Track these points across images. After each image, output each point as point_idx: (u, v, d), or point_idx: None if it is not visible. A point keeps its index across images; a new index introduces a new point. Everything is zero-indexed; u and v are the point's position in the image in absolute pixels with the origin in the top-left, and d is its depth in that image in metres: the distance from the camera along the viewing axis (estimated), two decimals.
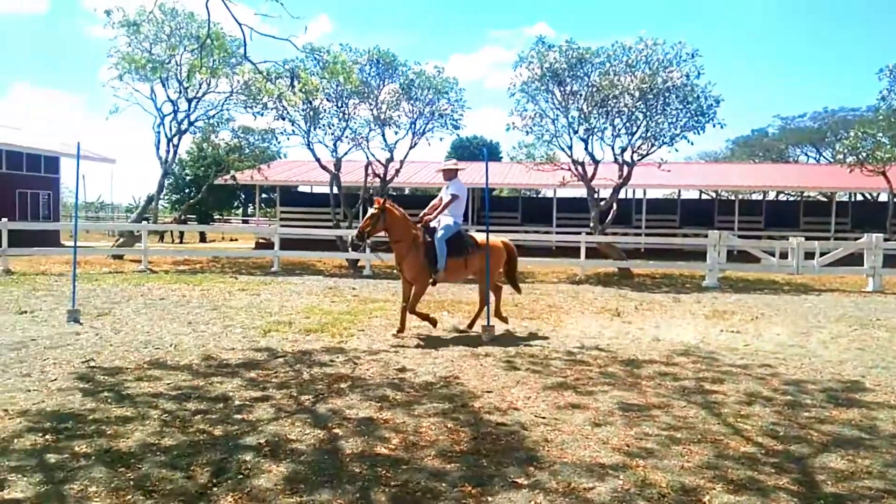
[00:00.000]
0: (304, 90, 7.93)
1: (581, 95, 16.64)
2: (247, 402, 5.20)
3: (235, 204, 48.34)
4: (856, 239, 17.65)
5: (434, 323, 8.54)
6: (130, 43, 18.23)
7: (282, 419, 4.80)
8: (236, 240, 35.75)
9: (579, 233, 18.00)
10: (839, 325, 9.87)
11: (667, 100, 16.35)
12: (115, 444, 4.19)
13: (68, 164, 27.14)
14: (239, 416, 4.84)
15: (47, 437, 4.30)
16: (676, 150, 20.71)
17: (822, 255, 16.17)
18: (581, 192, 27.26)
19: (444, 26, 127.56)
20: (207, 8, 6.19)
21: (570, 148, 17.54)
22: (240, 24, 6.11)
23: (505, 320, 9.07)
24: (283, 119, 18.70)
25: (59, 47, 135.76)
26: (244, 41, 6.71)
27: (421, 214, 8.88)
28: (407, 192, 37.90)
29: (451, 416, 4.94)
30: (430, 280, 8.39)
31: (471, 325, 8.85)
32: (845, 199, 31.67)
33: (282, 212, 31.07)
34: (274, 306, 10.61)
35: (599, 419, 4.96)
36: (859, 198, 32.81)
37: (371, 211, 8.33)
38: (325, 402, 5.25)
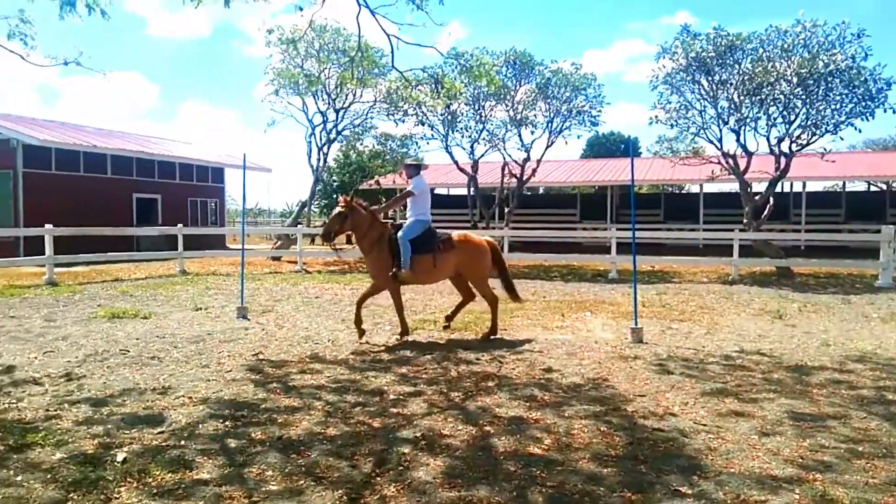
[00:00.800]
0: (447, 95, 8.11)
1: (731, 84, 15.64)
2: (401, 397, 5.39)
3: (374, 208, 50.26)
4: None
5: (361, 333, 7.81)
6: (284, 59, 19.60)
7: (434, 414, 4.94)
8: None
9: (730, 230, 16.93)
10: None
11: (829, 85, 14.94)
12: (285, 431, 4.51)
13: (230, 174, 29.66)
14: (394, 410, 5.03)
15: (227, 423, 4.71)
16: (841, 139, 18.75)
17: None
18: (730, 187, 25.73)
19: (575, 23, 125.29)
20: (358, 22, 6.52)
21: (720, 140, 16.55)
22: (388, 35, 6.39)
23: (449, 325, 8.57)
24: (423, 124, 19.24)
25: (218, 67, 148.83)
26: (392, 51, 7.00)
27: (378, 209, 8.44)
28: (541, 191, 37.64)
29: (604, 420, 4.83)
30: (395, 279, 7.90)
31: (492, 333, 8.14)
32: None
33: None
34: (418, 305, 10.93)
35: (767, 428, 4.63)
36: None
37: (337, 210, 8.06)
38: (475, 400, 5.33)
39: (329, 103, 20.86)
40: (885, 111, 14.97)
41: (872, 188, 31.96)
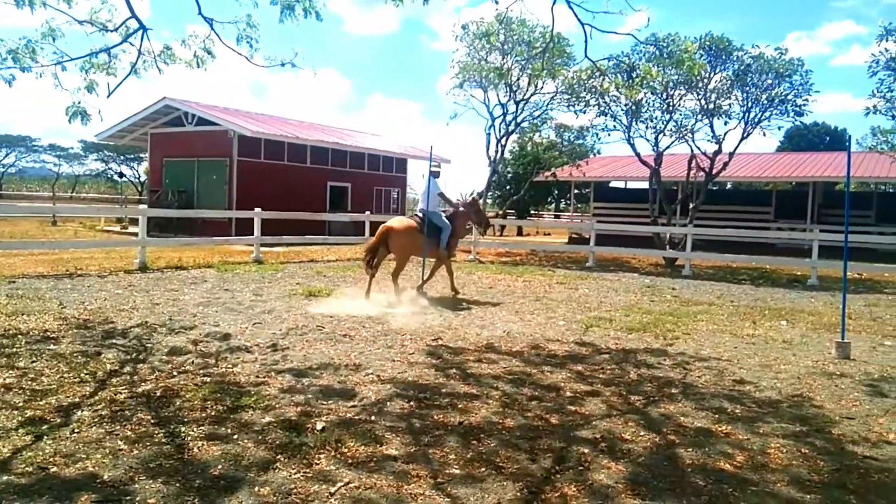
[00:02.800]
0: (641, 84, 7.80)
1: None
2: (577, 395, 5.33)
3: (549, 200, 50.08)
4: None
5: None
6: (469, 53, 20.06)
7: (613, 417, 4.82)
8: (549, 234, 37.02)
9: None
10: None
11: None
12: (465, 418, 4.65)
13: (412, 164, 31.03)
14: (571, 408, 4.99)
15: (411, 403, 4.95)
16: None
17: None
18: None
19: (774, 3, 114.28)
20: (552, 12, 6.46)
21: None
22: (582, 24, 6.24)
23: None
24: (605, 115, 18.72)
25: (404, 61, 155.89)
26: (585, 40, 6.84)
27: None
28: (729, 186, 35.07)
29: (805, 441, 4.41)
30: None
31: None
32: None
33: (595, 207, 31.21)
34: (592, 301, 10.72)
35: None
36: None
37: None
38: (657, 406, 5.12)
39: (510, 95, 21.02)
40: None
41: None
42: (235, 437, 4.14)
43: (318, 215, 20.68)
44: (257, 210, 15.89)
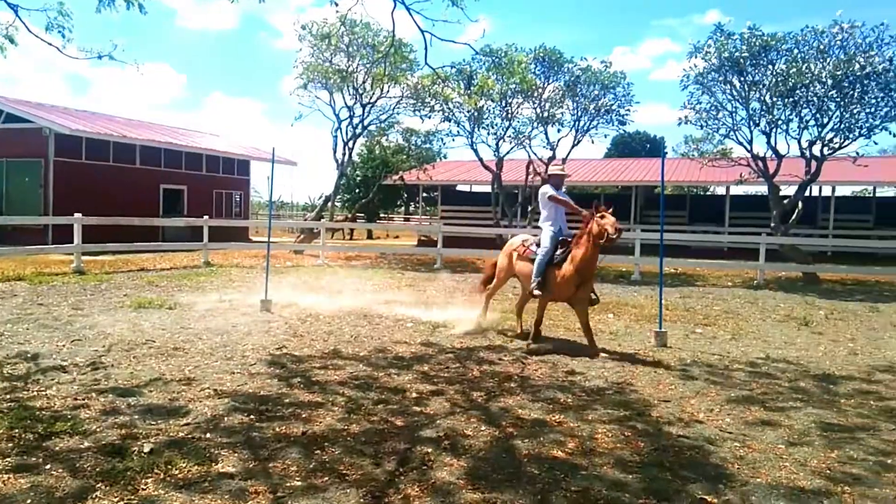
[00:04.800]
0: (478, 92, 8.09)
1: (764, 85, 15.38)
2: (422, 396, 5.39)
3: (398, 203, 50.55)
4: None
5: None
6: (314, 54, 19.69)
7: (457, 414, 4.93)
8: (398, 237, 37.34)
9: (757, 233, 16.70)
10: None
11: (865, 87, 14.65)
12: (308, 427, 4.53)
13: (256, 166, 29.90)
14: (417, 409, 5.03)
15: (251, 416, 4.74)
16: (875, 143, 18.44)
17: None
18: (757, 190, 25.32)
19: (603, 19, 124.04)
20: (393, 18, 6.50)
21: (750, 142, 16.31)
22: (422, 31, 6.34)
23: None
24: (449, 120, 19.22)
25: (246, 59, 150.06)
26: (425, 47, 6.96)
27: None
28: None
29: (628, 425, 4.78)
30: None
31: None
32: None
33: (443, 210, 31.95)
34: (440, 302, 10.93)
35: (794, 438, 4.56)
36: None
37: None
38: (497, 401, 5.31)
39: (356, 98, 20.92)
40: None
41: None
42: (48, 467, 3.72)
43: (150, 220, 19.22)
44: (77, 215, 14.47)
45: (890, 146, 46.97)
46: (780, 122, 15.68)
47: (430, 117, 19.69)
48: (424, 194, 39.37)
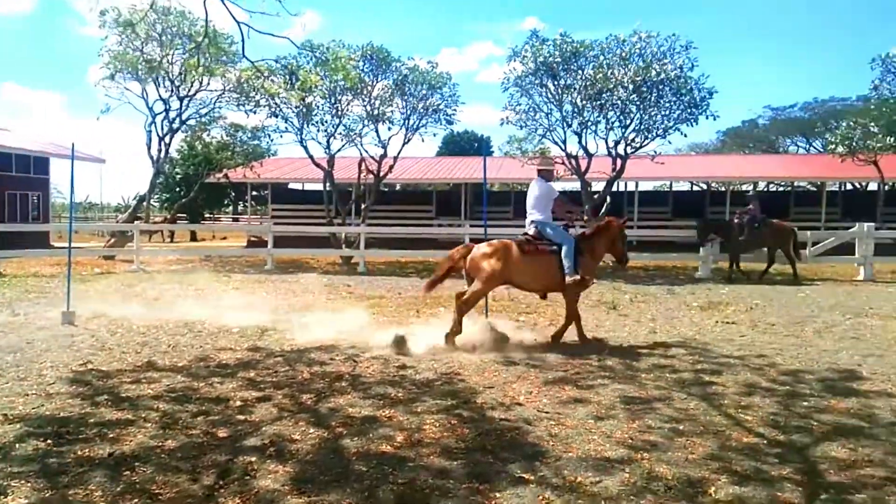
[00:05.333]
0: (302, 88, 7.88)
1: (575, 89, 16.63)
2: (247, 403, 5.17)
3: (226, 202, 48.21)
4: (846, 228, 17.75)
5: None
6: (122, 42, 18.09)
7: (284, 419, 4.79)
8: (226, 238, 35.60)
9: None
10: (833, 314, 9.94)
11: (660, 92, 16.38)
12: (116, 447, 4.16)
13: (57, 164, 26.95)
14: (240, 418, 4.82)
15: (48, 441, 4.26)
16: (669, 143, 20.65)
17: (814, 244, 16.27)
18: (574, 186, 27.34)
19: (432, 20, 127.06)
20: (205, 7, 6.13)
21: (564, 142, 17.56)
22: (238, 23, 6.06)
23: None
24: (276, 116, 18.62)
25: (45, 47, 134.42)
26: (242, 39, 6.66)
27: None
28: (398, 187, 37.87)
29: (454, 413, 4.94)
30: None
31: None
32: (835, 188, 31.84)
33: (273, 209, 30.96)
34: (269, 305, 10.57)
35: (602, 413, 4.97)
36: (849, 187, 33.00)
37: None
38: (327, 401, 5.23)
39: (172, 91, 19.56)
40: (706, 118, 16.67)
41: (695, 188, 35.43)
42: None
43: None
44: None
45: (684, 145, 52.90)
46: (589, 124, 17.07)
47: (255, 112, 18.94)
48: (254, 193, 37.86)
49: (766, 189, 36.37)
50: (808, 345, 7.62)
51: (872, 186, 28.26)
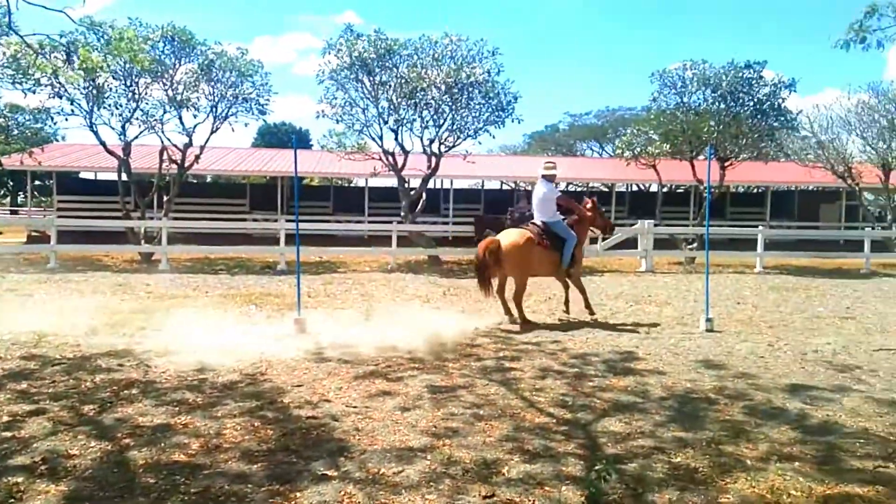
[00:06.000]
0: (83, 67, 7.08)
1: (390, 86, 16.78)
2: (17, 418, 4.57)
3: (2, 192, 42.36)
4: (631, 225, 19.85)
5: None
6: None
7: (61, 433, 4.29)
8: (2, 233, 31.26)
9: (390, 222, 18.26)
10: (618, 302, 11.06)
11: (470, 94, 17.06)
12: None
13: None
14: (7, 434, 4.24)
15: None
16: (480, 143, 21.87)
17: (603, 239, 17.98)
18: (393, 182, 27.73)
19: (246, 7, 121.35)
20: None
21: (381, 138, 17.68)
22: None
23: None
24: (60, 97, 16.61)
25: None
26: (8, 10, 5.83)
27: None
28: (209, 179, 35.76)
29: (258, 415, 4.75)
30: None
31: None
32: (623, 189, 35.49)
33: (59, 201, 27.67)
34: (51, 308, 9.44)
35: (409, 403, 5.07)
36: (635, 188, 36.95)
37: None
38: (113, 411, 4.78)
39: None
40: (513, 121, 17.68)
41: (504, 186, 37.55)
42: None
43: None
44: None
45: (495, 146, 55.85)
46: (405, 121, 17.33)
47: (34, 92, 16.74)
48: (37, 182, 33.65)
49: (566, 189, 39.55)
50: (595, 331, 8.40)
51: (654, 188, 31.85)
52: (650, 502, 3.46)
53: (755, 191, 34.90)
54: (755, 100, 18.46)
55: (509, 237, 9.04)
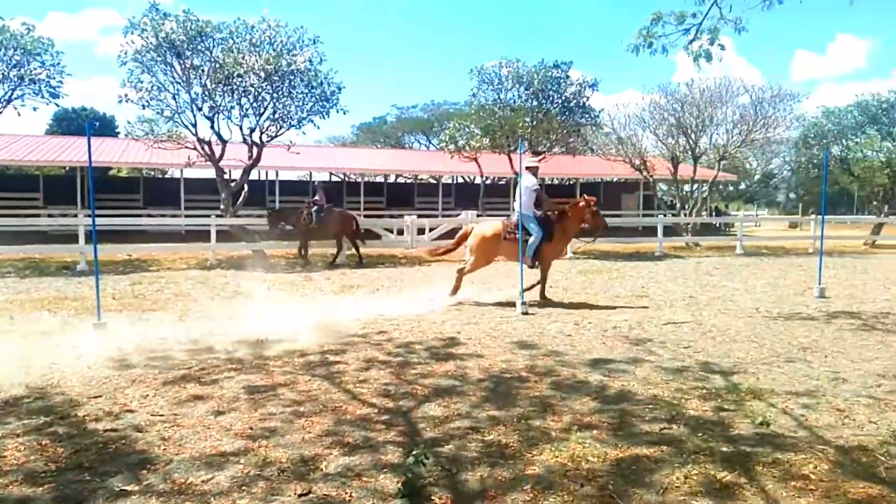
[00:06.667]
0: None
1: (204, 71, 15.81)
2: None
3: None
4: (456, 216, 20.53)
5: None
6: None
7: None
8: None
9: (209, 216, 17.25)
10: (441, 289, 11.36)
11: (292, 83, 16.59)
12: None
13: None
14: None
15: None
16: (304, 133, 21.34)
17: (430, 230, 18.44)
18: (211, 173, 26.27)
19: None
20: None
21: (195, 126, 16.62)
22: None
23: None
24: None
25: None
26: None
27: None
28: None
29: (46, 432, 4.25)
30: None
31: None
32: (450, 181, 36.61)
33: None
34: None
35: (223, 407, 4.82)
36: (460, 180, 38.26)
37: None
38: None
39: None
40: (338, 112, 17.45)
41: (334, 178, 37.09)
42: None
43: None
44: None
45: (324, 137, 54.86)
46: (221, 109, 16.43)
47: None
48: None
49: (395, 181, 39.98)
50: (421, 319, 8.56)
51: (478, 180, 33.18)
52: (464, 481, 3.59)
53: (567, 182, 37.66)
54: (563, 97, 19.87)
55: (479, 228, 10.29)
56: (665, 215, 24.74)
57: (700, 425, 4.47)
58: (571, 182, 36.38)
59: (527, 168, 10.03)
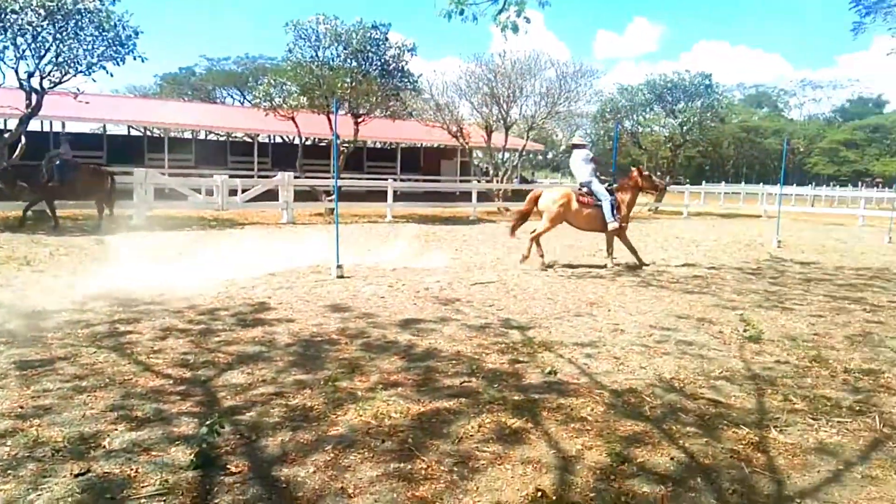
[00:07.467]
0: None
1: None
2: None
3: None
4: (273, 177, 19.75)
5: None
6: None
7: None
8: None
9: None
10: (253, 255, 10.93)
11: (80, 23, 14.72)
12: None
13: None
14: None
15: None
16: (94, 81, 19.03)
17: (244, 191, 17.58)
18: None
19: None
20: None
21: None
22: None
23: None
24: None
25: None
26: None
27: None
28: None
29: None
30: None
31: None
32: (266, 140, 35.03)
33: None
34: None
35: None
36: (278, 140, 36.77)
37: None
38: None
39: None
40: (135, 59, 15.78)
41: (133, 132, 33.83)
42: None
43: None
44: None
45: (122, 87, 49.63)
46: None
47: None
48: None
49: (205, 137, 37.44)
50: (230, 284, 8.15)
51: (297, 140, 32.13)
52: (263, 447, 3.50)
53: (389, 146, 37.79)
54: (383, 60, 19.75)
55: (550, 192, 10.58)
56: (479, 181, 25.82)
57: (496, 377, 4.76)
58: (392, 146, 36.53)
59: (574, 146, 10.76)
